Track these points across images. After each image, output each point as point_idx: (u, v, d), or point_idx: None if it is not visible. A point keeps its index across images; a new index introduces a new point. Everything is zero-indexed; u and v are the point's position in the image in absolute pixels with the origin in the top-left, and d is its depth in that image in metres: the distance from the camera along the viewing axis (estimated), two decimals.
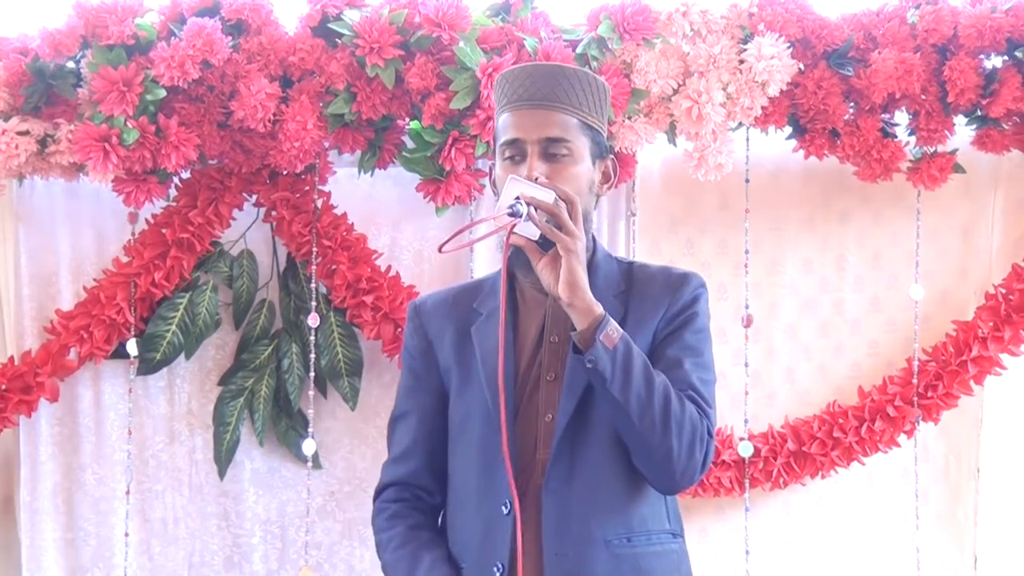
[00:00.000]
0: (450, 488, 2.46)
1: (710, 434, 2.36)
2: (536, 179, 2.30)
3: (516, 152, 2.37)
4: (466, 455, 2.41)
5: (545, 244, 2.27)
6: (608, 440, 2.36)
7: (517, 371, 2.39)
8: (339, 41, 3.36)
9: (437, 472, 2.47)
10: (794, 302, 3.67)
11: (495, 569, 2.32)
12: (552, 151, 2.35)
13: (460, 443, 2.43)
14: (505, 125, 2.39)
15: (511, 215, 2.25)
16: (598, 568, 2.34)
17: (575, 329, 2.28)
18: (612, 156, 2.49)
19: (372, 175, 3.54)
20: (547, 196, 2.26)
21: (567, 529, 2.34)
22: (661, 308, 2.43)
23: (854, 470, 3.59)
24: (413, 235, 3.68)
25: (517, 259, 2.34)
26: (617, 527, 2.36)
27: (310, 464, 3.60)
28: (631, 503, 2.39)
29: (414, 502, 2.47)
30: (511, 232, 2.26)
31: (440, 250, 2.34)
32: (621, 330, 2.28)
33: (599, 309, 2.27)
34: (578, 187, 2.34)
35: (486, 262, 3.55)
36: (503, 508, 2.33)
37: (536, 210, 2.25)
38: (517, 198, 2.26)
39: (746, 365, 3.57)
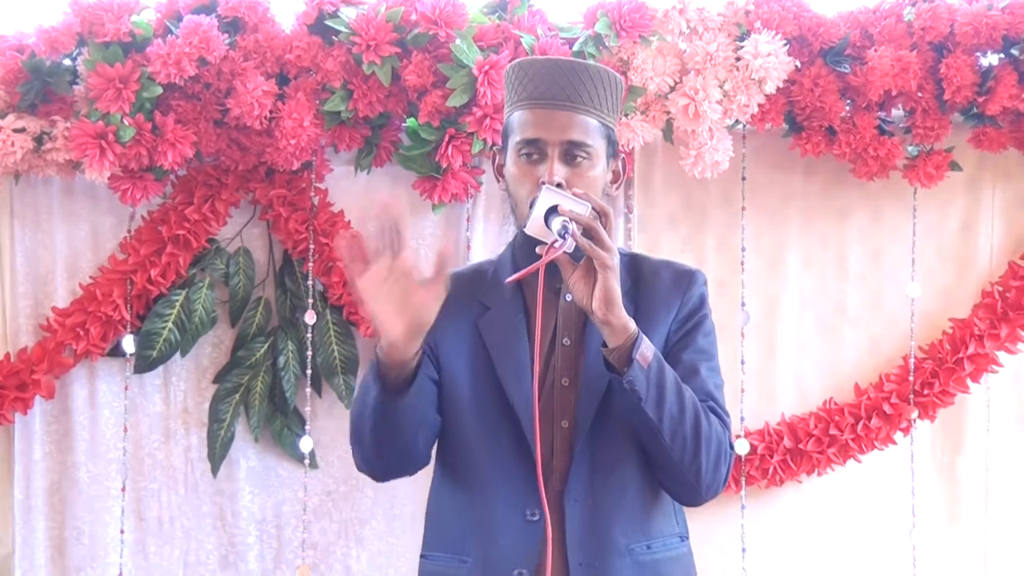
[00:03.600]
0: (454, 479, 2.42)
1: (731, 446, 2.37)
2: (560, 184, 2.27)
3: (535, 151, 2.33)
4: (485, 451, 2.36)
5: (575, 254, 2.24)
6: (625, 447, 2.34)
7: (532, 376, 2.33)
8: (336, 39, 3.37)
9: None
10: (794, 299, 3.66)
11: (515, 574, 2.30)
12: (572, 153, 2.33)
13: (477, 437, 2.38)
14: (524, 122, 2.35)
15: (562, 236, 2.20)
16: None
17: (604, 344, 2.25)
18: (623, 156, 2.47)
19: (369, 173, 3.54)
20: (583, 208, 2.22)
21: (592, 538, 2.32)
22: (672, 308, 2.41)
23: (856, 468, 3.59)
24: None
25: (528, 256, 2.28)
26: (638, 534, 2.35)
27: (307, 463, 3.59)
28: (649, 509, 2.38)
29: None
30: (551, 249, 2.20)
31: (508, 282, 2.31)
32: (653, 346, 2.25)
33: (633, 326, 2.24)
34: (596, 191, 2.32)
35: (482, 258, 3.53)
36: (527, 515, 2.30)
37: (574, 224, 2.21)
38: (554, 208, 2.23)
39: (743, 362, 3.57)
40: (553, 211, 2.23)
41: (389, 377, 2.23)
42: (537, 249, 2.24)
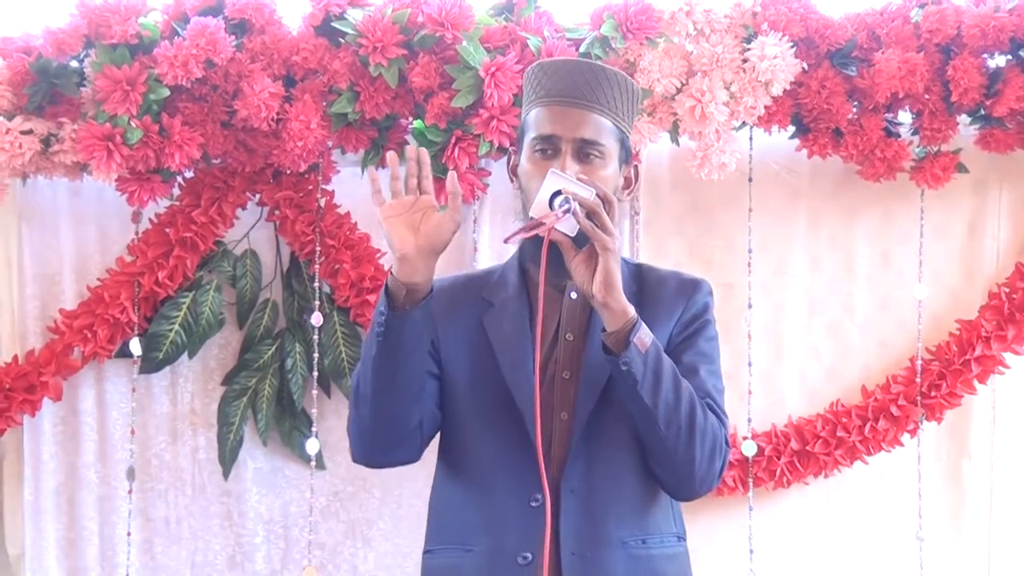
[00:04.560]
0: (456, 474, 2.46)
1: (727, 443, 2.40)
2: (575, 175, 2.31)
3: (549, 147, 2.37)
4: (485, 443, 2.40)
5: (579, 240, 2.27)
6: (624, 441, 2.38)
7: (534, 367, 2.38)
8: (342, 40, 3.37)
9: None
10: (802, 302, 3.65)
11: (520, 559, 2.32)
12: (585, 151, 2.37)
13: (476, 430, 2.42)
14: (540, 119, 2.39)
15: (564, 211, 2.24)
16: (616, 569, 2.36)
17: (604, 329, 2.28)
18: (636, 162, 2.50)
19: None
20: (587, 192, 2.26)
21: (585, 529, 2.35)
22: (675, 313, 2.45)
23: (862, 470, 3.59)
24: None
25: (534, 254, 2.32)
26: (633, 528, 2.38)
27: (313, 464, 3.60)
28: (646, 504, 2.41)
29: None
30: (552, 228, 2.25)
31: (506, 242, 2.38)
32: (651, 334, 2.28)
33: (632, 311, 2.27)
34: (607, 189, 2.34)
35: (489, 260, 3.55)
36: (531, 502, 2.33)
37: (578, 206, 2.25)
38: (559, 192, 2.26)
39: (750, 364, 3.57)
40: (558, 196, 2.27)
41: (397, 297, 2.29)
42: (537, 228, 2.28)
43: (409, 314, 2.29)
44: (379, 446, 2.45)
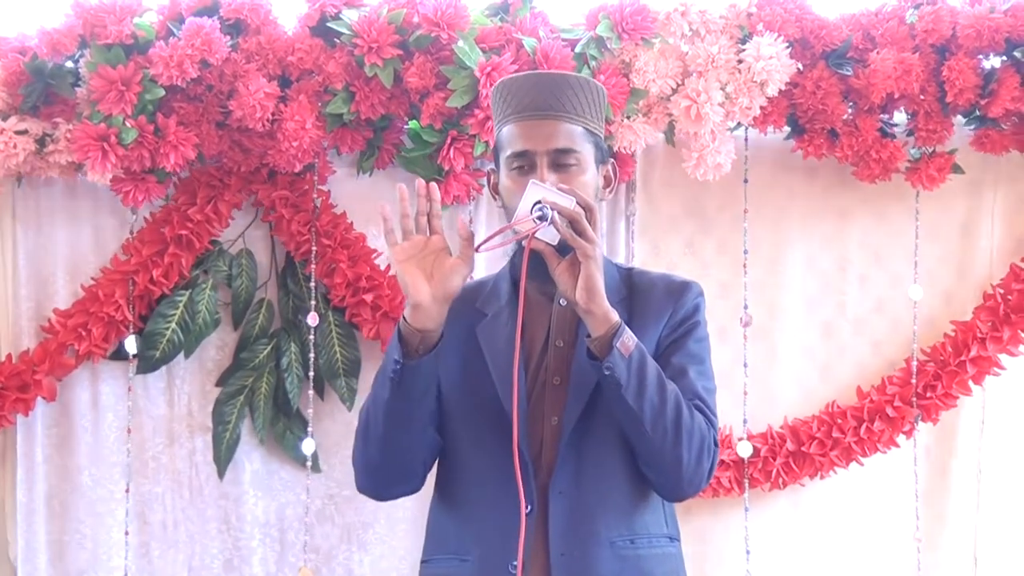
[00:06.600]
0: (451, 481, 2.47)
1: (716, 443, 2.40)
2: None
3: (524, 163, 2.39)
4: (478, 453, 2.41)
5: (562, 249, 2.28)
6: (613, 444, 2.38)
7: (525, 374, 2.40)
8: (338, 41, 3.37)
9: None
10: (796, 302, 3.66)
11: (510, 568, 2.32)
12: (561, 162, 2.38)
13: (469, 440, 2.43)
14: (511, 136, 2.41)
15: (540, 218, 2.26)
16: (603, 568, 2.35)
17: (589, 335, 2.29)
18: (612, 160, 2.52)
19: (371, 175, 3.54)
20: (568, 202, 2.27)
21: (573, 530, 2.35)
22: (664, 315, 2.45)
23: (855, 470, 3.59)
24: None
25: (530, 272, 2.33)
26: (621, 529, 2.39)
27: (309, 466, 3.59)
28: (635, 506, 2.41)
29: None
30: (532, 236, 2.27)
31: (477, 250, 2.33)
32: (636, 338, 2.30)
33: (615, 316, 2.28)
34: (589, 196, 2.36)
35: (485, 263, 3.54)
36: (522, 509, 2.32)
37: (557, 215, 2.26)
38: (539, 202, 2.27)
39: (745, 365, 3.57)
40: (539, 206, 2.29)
41: (411, 344, 2.30)
42: (518, 230, 2.29)
43: (423, 362, 2.30)
44: (388, 483, 2.46)
